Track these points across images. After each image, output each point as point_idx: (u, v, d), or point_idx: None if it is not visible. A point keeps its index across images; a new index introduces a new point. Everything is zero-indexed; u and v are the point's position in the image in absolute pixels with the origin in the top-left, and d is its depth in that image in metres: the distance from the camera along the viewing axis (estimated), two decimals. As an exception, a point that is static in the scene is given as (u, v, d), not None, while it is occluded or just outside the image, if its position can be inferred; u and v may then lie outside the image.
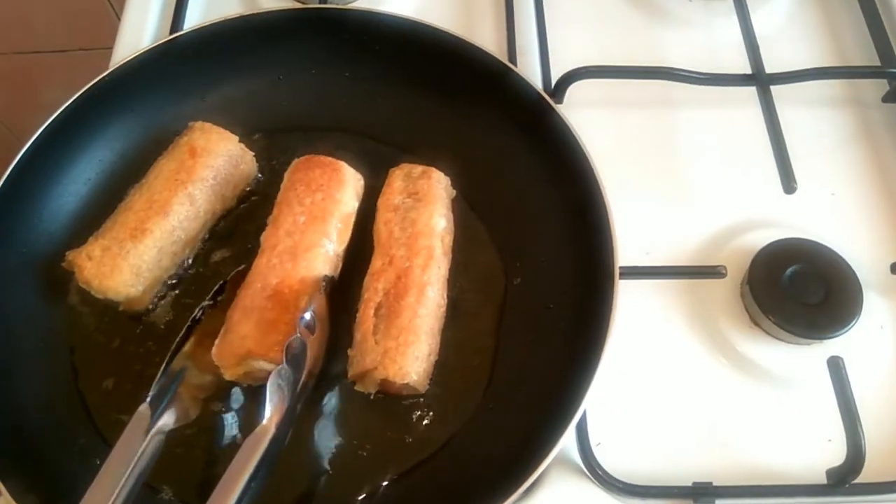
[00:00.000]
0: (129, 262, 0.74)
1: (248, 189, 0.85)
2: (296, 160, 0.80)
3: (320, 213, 0.76)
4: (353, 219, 0.79)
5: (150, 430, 0.66)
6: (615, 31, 1.00)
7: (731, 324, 0.80)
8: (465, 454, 0.70)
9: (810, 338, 0.77)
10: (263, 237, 0.76)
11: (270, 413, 0.65)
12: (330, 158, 0.80)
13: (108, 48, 0.96)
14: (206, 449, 0.72)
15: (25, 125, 0.81)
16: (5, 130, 1.84)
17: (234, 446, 0.66)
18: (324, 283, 0.74)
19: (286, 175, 0.80)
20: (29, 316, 0.77)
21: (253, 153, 0.84)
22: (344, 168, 0.80)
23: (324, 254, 0.75)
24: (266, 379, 0.69)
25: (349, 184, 0.79)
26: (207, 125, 0.82)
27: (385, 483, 0.70)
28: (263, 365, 0.70)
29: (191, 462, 0.71)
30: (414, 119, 0.88)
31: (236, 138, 0.83)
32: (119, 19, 0.99)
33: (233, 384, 0.73)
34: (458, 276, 0.79)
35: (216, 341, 0.71)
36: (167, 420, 0.68)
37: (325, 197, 0.77)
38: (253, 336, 0.69)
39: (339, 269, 0.77)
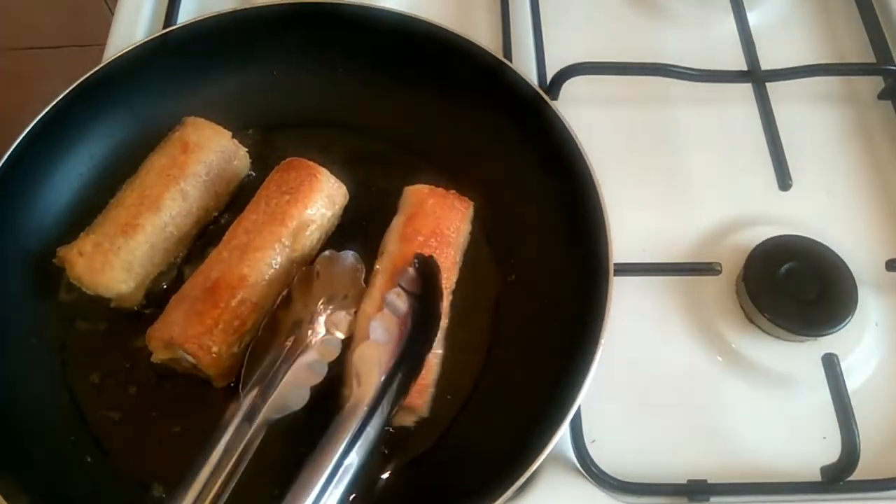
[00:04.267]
0: (121, 258, 0.74)
1: (241, 185, 0.84)
2: (283, 161, 0.79)
3: (280, 215, 0.74)
4: (313, 227, 0.76)
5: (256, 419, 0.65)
6: (611, 28, 1.00)
7: (726, 321, 0.79)
8: (458, 451, 0.70)
9: (805, 335, 0.76)
10: (227, 231, 0.76)
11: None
12: (311, 163, 0.78)
13: (102, 45, 0.95)
14: (199, 445, 0.71)
15: (18, 122, 0.81)
16: (-2, 127, 1.84)
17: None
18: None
19: (269, 175, 0.79)
20: (19, 312, 0.76)
21: (246, 149, 0.84)
22: (322, 175, 0.77)
23: (273, 257, 0.73)
24: (189, 370, 0.71)
25: (322, 191, 0.77)
26: (200, 120, 0.82)
27: (376, 480, 0.69)
28: (183, 354, 0.70)
29: (182, 459, 0.70)
30: (408, 115, 0.87)
31: (229, 134, 0.82)
32: (112, 15, 0.99)
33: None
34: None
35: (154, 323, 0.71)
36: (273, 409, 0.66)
37: (290, 200, 0.75)
38: (178, 324, 0.69)
39: (292, 276, 0.75)
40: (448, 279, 0.75)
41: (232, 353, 0.71)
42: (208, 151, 0.80)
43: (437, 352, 0.72)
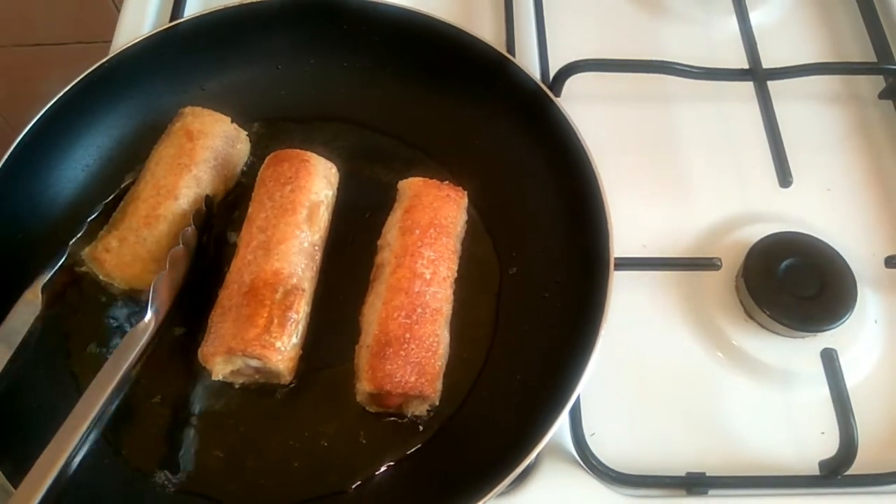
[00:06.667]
0: (148, 249, 0.75)
1: (242, 174, 0.85)
2: (268, 157, 0.80)
3: (290, 205, 0.75)
4: (323, 208, 0.78)
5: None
6: (614, 25, 1.00)
7: (725, 316, 0.80)
8: (459, 441, 0.70)
9: (804, 331, 0.77)
10: (239, 237, 0.76)
11: (154, 312, 0.71)
12: (298, 150, 0.79)
13: (108, 41, 0.95)
14: (203, 434, 0.71)
15: (24, 118, 0.81)
16: (3, 123, 1.84)
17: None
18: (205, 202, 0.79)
19: (259, 173, 0.80)
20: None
21: (249, 140, 0.85)
22: (313, 158, 0.79)
23: (299, 244, 0.74)
24: (250, 378, 0.72)
25: (318, 173, 0.79)
26: (198, 109, 0.83)
27: (379, 470, 0.70)
28: (247, 360, 0.70)
29: (186, 447, 0.71)
30: (412, 109, 0.88)
31: (228, 119, 0.83)
32: (118, 12, 0.99)
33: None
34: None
35: (202, 344, 0.72)
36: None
37: (294, 188, 0.76)
38: (231, 333, 0.69)
39: (317, 259, 0.77)
40: (449, 268, 0.76)
41: (293, 343, 0.71)
42: (213, 137, 0.81)
43: (445, 341, 0.73)
